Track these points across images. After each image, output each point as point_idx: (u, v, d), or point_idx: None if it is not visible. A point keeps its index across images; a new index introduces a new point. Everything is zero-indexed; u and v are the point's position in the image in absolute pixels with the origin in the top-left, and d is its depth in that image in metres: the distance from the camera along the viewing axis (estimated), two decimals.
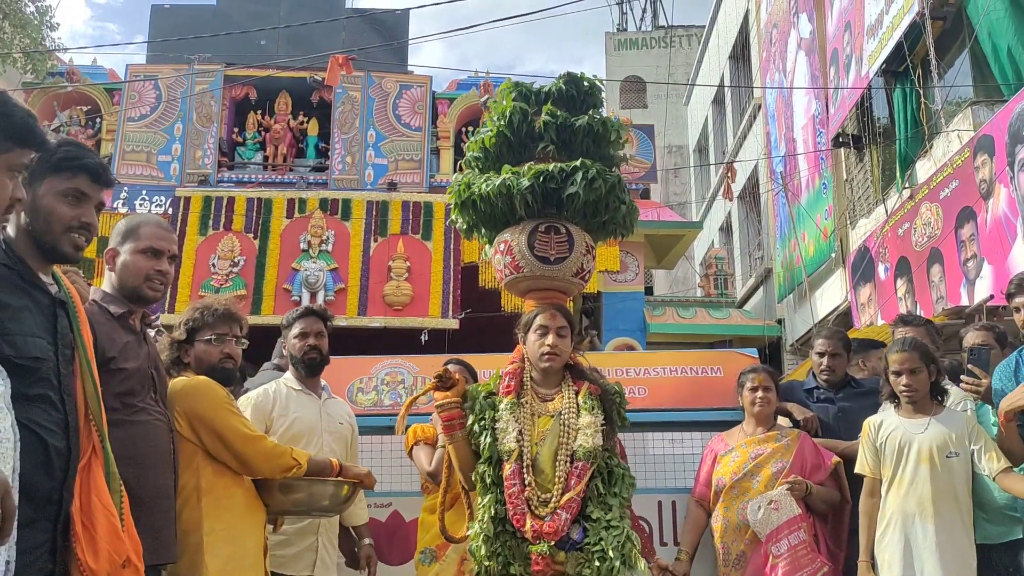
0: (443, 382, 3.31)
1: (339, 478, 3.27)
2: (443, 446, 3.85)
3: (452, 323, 12.64)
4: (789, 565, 3.88)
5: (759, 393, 4.23)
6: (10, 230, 2.30)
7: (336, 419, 3.80)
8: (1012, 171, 7.65)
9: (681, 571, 4.09)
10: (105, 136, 14.46)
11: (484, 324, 11.86)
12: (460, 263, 12.94)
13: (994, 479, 3.62)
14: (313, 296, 12.48)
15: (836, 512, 4.19)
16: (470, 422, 3.32)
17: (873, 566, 3.77)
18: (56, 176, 2.33)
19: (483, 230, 3.81)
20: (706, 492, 4.28)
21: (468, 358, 4.81)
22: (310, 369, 3.85)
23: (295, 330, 3.88)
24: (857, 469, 3.92)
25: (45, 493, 2.11)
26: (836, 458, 4.16)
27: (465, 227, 3.82)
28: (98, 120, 14.61)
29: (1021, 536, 3.74)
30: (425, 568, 3.93)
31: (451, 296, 12.82)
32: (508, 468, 3.16)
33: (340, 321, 10.79)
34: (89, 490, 2.20)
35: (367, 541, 3.97)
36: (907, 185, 10.15)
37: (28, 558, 2.02)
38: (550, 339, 3.31)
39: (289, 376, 3.86)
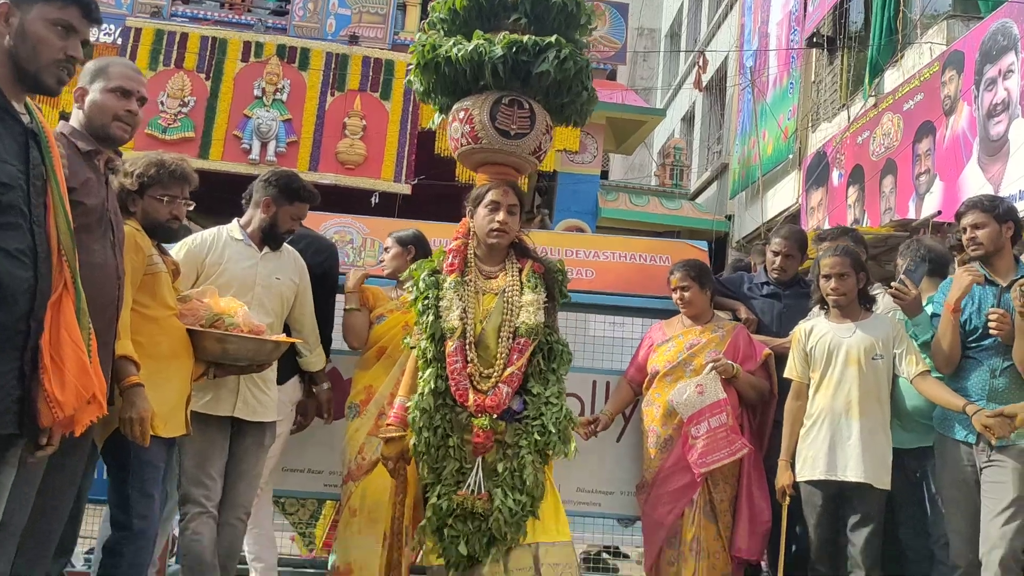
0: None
1: (261, 336, 3.32)
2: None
3: (404, 188, 12.47)
4: (706, 446, 4.03)
5: (677, 294, 4.31)
6: None
7: (273, 274, 3.76)
8: (977, 90, 7.67)
9: (603, 422, 4.31)
10: None
11: (437, 193, 11.73)
12: (418, 127, 12.67)
13: (912, 382, 3.78)
14: (264, 146, 12.16)
15: (763, 407, 4.33)
16: (413, 298, 3.41)
17: (792, 467, 3.94)
18: (47, 4, 2.30)
19: (439, 96, 3.73)
20: (636, 376, 4.41)
21: (418, 225, 4.80)
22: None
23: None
24: (786, 374, 4.05)
25: (10, 322, 2.14)
26: (768, 350, 4.29)
27: (422, 90, 3.73)
28: None
29: (929, 445, 3.94)
30: (350, 422, 4.07)
31: (405, 160, 12.60)
32: (451, 345, 3.25)
33: None
34: (59, 325, 2.23)
35: (325, 386, 4.09)
36: (873, 93, 10.12)
37: None
38: (500, 216, 3.34)
39: (234, 224, 3.81)
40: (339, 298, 4.21)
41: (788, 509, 3.93)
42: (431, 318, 3.31)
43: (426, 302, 3.36)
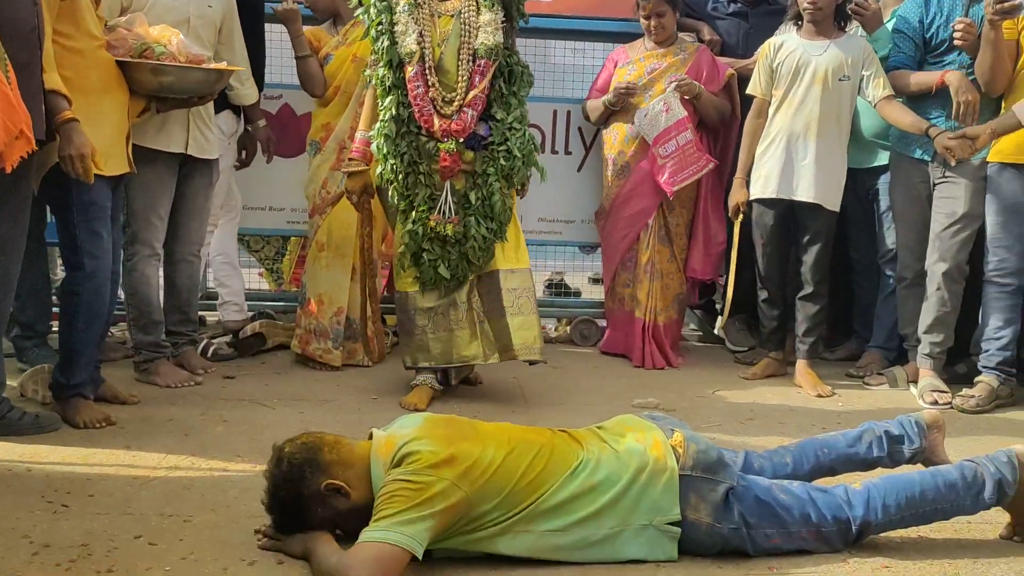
0: None
1: (204, 66, 3.15)
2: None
3: None
4: (676, 164, 4.02)
5: (652, 21, 4.12)
6: None
7: (205, 2, 3.51)
8: None
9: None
10: None
11: None
12: None
13: (875, 105, 3.74)
14: None
15: (725, 129, 4.29)
16: (366, 26, 3.33)
17: (748, 185, 3.96)
18: None
19: None
20: (598, 97, 4.30)
21: None
22: None
23: None
24: (749, 90, 3.94)
25: None
26: (731, 70, 4.19)
27: None
28: None
29: (882, 163, 4.01)
30: (311, 159, 4.02)
31: None
32: (410, 70, 3.20)
33: None
34: None
35: (261, 123, 4.01)
36: None
37: None
38: None
39: None
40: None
41: (742, 228, 4.00)
42: (386, 44, 3.23)
43: (379, 28, 3.26)
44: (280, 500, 1.99)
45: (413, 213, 3.26)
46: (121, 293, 3.61)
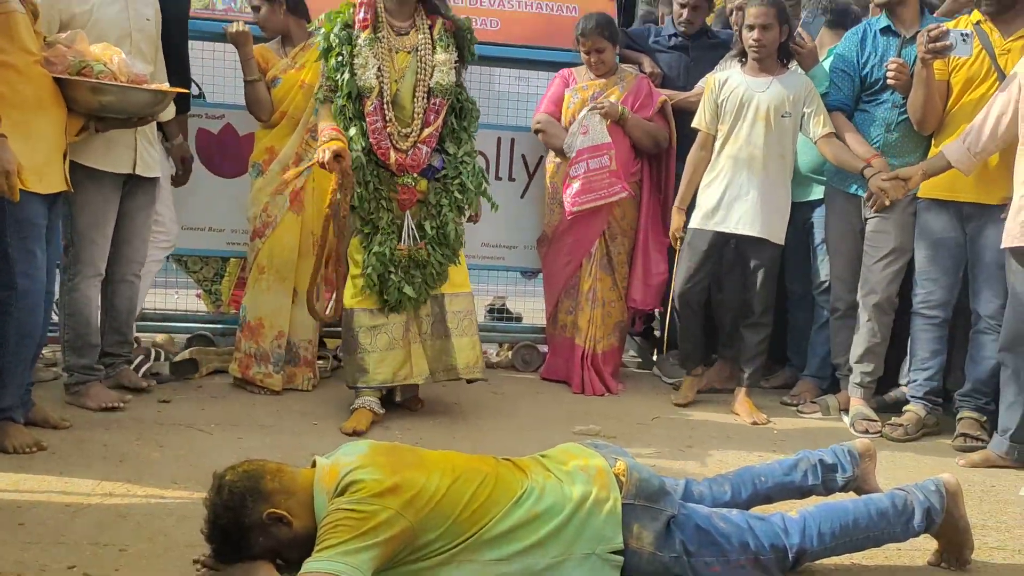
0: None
1: (150, 87, 3.12)
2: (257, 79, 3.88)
3: None
4: (583, 185, 4.06)
5: (592, 56, 4.20)
6: None
7: (143, 15, 3.47)
8: None
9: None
10: None
11: None
12: None
13: (815, 143, 3.84)
14: None
15: (666, 159, 4.35)
16: (323, 50, 3.41)
17: (689, 214, 4.01)
18: None
19: None
20: (552, 109, 4.30)
21: None
22: None
23: None
24: (694, 123, 4.01)
25: None
26: (664, 96, 4.27)
27: None
28: None
29: (818, 197, 4.14)
30: (253, 180, 3.98)
31: None
32: (370, 104, 3.33)
33: None
34: None
35: (177, 141, 3.94)
36: None
37: None
38: None
39: None
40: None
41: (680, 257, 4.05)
42: (347, 76, 3.34)
43: (340, 59, 3.36)
44: (220, 529, 1.95)
45: (378, 236, 3.38)
46: (55, 314, 3.52)
